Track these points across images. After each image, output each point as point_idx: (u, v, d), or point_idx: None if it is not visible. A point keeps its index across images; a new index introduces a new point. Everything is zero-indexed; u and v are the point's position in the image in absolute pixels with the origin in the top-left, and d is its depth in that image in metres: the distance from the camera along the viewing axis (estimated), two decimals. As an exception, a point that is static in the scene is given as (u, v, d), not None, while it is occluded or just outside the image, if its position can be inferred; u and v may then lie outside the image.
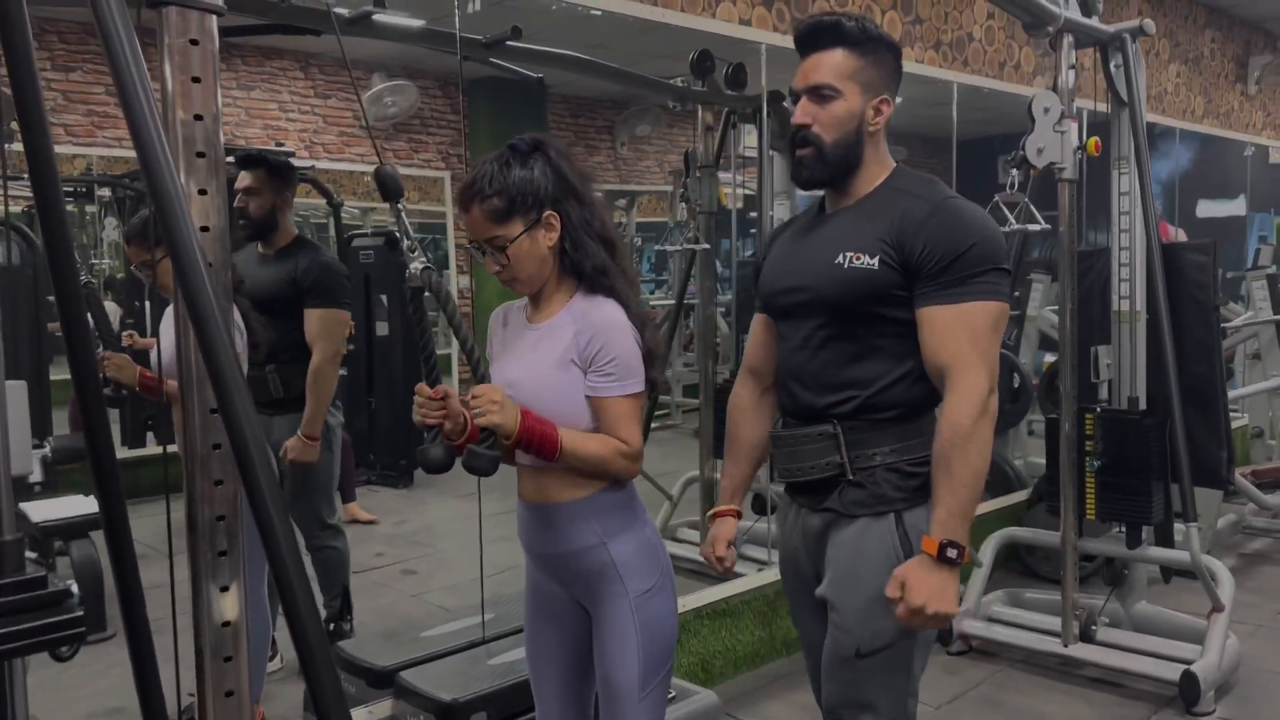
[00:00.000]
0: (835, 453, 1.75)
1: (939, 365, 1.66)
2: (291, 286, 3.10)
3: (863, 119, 1.74)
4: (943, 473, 1.64)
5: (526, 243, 1.65)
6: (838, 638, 1.77)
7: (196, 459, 1.28)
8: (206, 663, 1.30)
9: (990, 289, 1.66)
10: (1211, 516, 4.26)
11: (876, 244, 1.69)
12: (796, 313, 1.80)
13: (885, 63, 1.77)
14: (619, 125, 7.99)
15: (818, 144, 1.74)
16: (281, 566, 1.15)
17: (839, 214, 1.80)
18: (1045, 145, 3.09)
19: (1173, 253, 3.46)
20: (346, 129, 6.64)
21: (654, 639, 1.70)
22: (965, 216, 1.69)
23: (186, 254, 1.16)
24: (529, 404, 1.66)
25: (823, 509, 1.79)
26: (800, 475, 1.80)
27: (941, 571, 1.61)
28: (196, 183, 1.28)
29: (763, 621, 3.42)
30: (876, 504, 1.73)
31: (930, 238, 1.65)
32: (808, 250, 1.81)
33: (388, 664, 2.54)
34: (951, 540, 1.61)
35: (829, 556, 1.79)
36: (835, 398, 1.75)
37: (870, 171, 1.78)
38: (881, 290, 1.69)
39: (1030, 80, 4.93)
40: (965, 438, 1.61)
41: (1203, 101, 6.58)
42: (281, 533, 1.16)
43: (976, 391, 1.62)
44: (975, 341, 1.64)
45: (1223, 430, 3.44)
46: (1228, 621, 3.16)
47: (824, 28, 1.75)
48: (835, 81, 1.73)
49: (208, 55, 1.28)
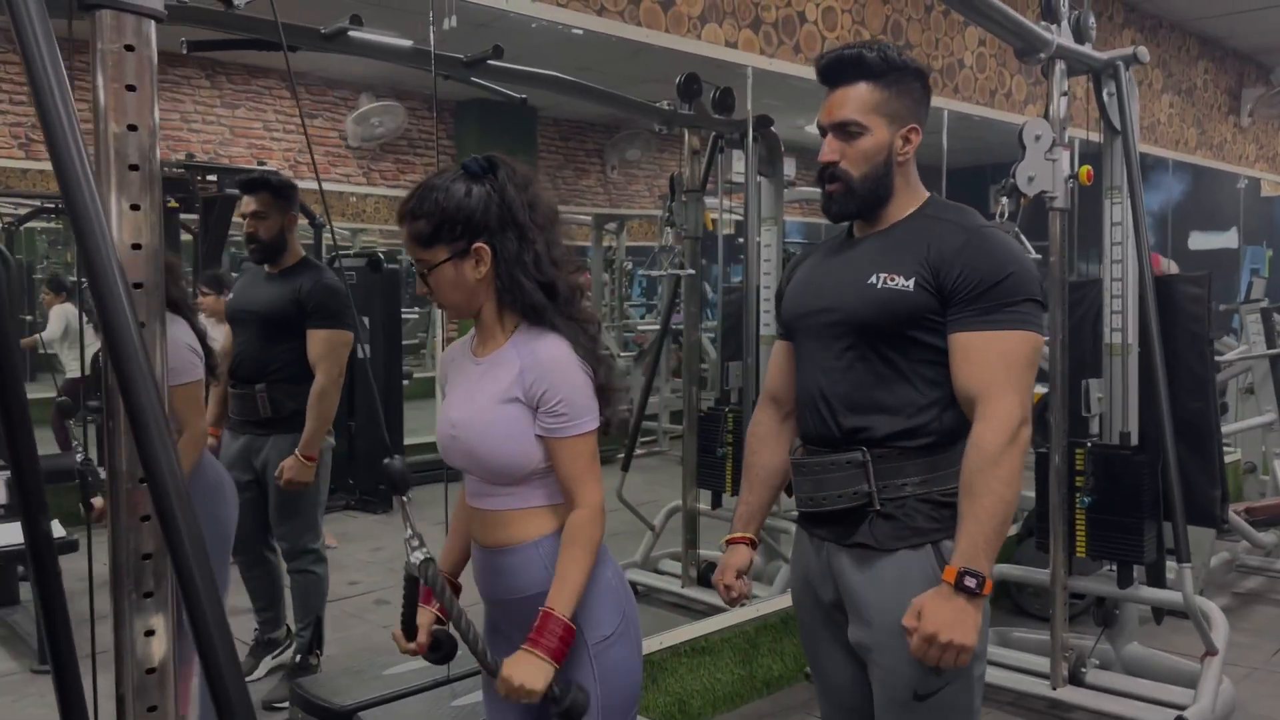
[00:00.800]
0: (863, 481, 1.69)
1: (970, 392, 1.62)
2: (294, 306, 3.11)
3: (891, 150, 1.72)
4: (967, 500, 1.59)
5: (450, 271, 1.57)
6: (890, 681, 1.69)
7: (122, 493, 1.19)
8: (129, 710, 1.21)
9: (1026, 319, 1.63)
10: (1205, 555, 4.17)
11: (912, 267, 1.67)
12: (825, 334, 1.76)
13: (911, 91, 1.74)
14: (609, 149, 7.95)
15: (846, 179, 1.73)
16: (200, 617, 1.06)
17: (870, 239, 1.77)
18: (1036, 173, 3.02)
19: (1166, 284, 3.39)
20: (332, 149, 6.57)
21: (614, 690, 1.60)
22: (1002, 245, 1.67)
23: (104, 275, 1.07)
24: (473, 444, 1.58)
25: (852, 544, 1.71)
26: (825, 505, 1.73)
27: (958, 601, 1.55)
28: (129, 198, 1.19)
29: (743, 660, 3.32)
30: (911, 536, 1.67)
31: (967, 264, 1.63)
32: (837, 271, 1.78)
33: (347, 704, 2.42)
34: (970, 569, 1.55)
35: (864, 595, 1.71)
36: (862, 422, 1.70)
37: (902, 199, 1.75)
38: (915, 313, 1.66)
39: (1022, 108, 4.89)
40: (992, 464, 1.57)
41: (1195, 133, 6.56)
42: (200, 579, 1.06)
43: (1008, 419, 1.58)
44: (1009, 370, 1.61)
45: (1217, 467, 3.35)
46: (1221, 665, 3.06)
47: (846, 62, 1.72)
48: (860, 117, 1.70)
49: (144, 62, 1.19)
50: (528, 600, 1.60)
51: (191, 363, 2.52)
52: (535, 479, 1.60)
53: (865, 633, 1.72)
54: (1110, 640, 3.42)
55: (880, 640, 1.69)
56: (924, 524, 1.67)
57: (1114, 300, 3.34)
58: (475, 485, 1.66)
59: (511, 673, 1.51)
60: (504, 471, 1.59)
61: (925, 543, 1.67)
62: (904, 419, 1.67)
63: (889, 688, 1.70)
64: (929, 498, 1.68)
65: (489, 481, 1.62)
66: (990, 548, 1.57)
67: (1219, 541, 4.47)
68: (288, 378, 3.12)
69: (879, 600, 1.68)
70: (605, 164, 8.16)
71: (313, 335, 3.10)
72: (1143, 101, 5.90)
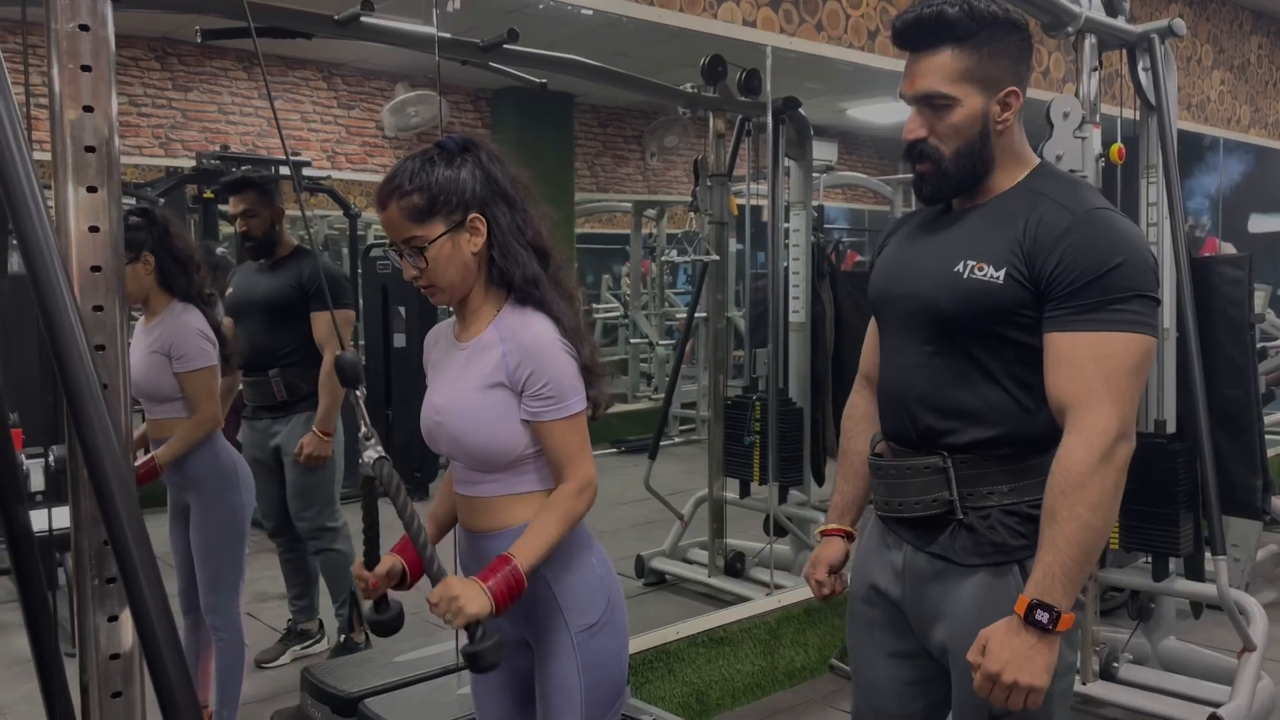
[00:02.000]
0: (944, 489, 1.54)
1: (1062, 401, 1.43)
2: (297, 291, 3.26)
3: (987, 119, 1.51)
4: (1048, 524, 1.41)
5: (447, 246, 1.53)
6: (963, 699, 1.57)
7: (81, 481, 1.18)
8: (93, 698, 1.20)
9: (1135, 319, 1.41)
10: (1250, 548, 4.02)
11: (1004, 255, 1.47)
12: (906, 323, 1.59)
13: (1007, 49, 1.50)
14: (647, 135, 7.88)
15: (935, 158, 1.52)
16: (142, 608, 1.06)
17: (966, 213, 1.57)
18: (1064, 151, 2.92)
19: (1205, 267, 3.26)
20: (370, 139, 6.61)
21: (598, 680, 1.57)
22: (1114, 230, 1.45)
23: (37, 251, 1.06)
24: (457, 430, 1.55)
25: (932, 552, 1.58)
26: (904, 511, 1.59)
27: (1027, 636, 1.38)
28: (84, 180, 1.18)
29: (764, 651, 3.27)
30: (994, 553, 1.52)
31: (1069, 252, 1.42)
32: (924, 253, 1.59)
33: (354, 690, 2.44)
34: (1044, 602, 1.38)
35: (944, 608, 1.57)
36: (944, 424, 1.54)
37: (1005, 170, 1.55)
38: (1004, 309, 1.47)
39: (1060, 87, 4.74)
40: (1077, 486, 1.38)
41: (1249, 110, 6.32)
42: (142, 568, 1.06)
43: (1101, 435, 1.38)
44: (1109, 378, 1.40)
45: (1258, 456, 3.22)
46: (1260, 661, 2.94)
47: (925, 22, 1.49)
48: (946, 87, 1.49)
49: (101, 42, 1.18)
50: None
51: (203, 349, 2.55)
52: (522, 464, 1.57)
53: (944, 640, 1.59)
54: (1146, 634, 3.31)
55: (957, 661, 1.56)
56: (1009, 539, 1.51)
57: (1150, 283, 3.21)
58: (461, 472, 1.64)
59: (451, 584, 1.44)
60: (489, 457, 1.56)
61: (1010, 561, 1.51)
62: (989, 425, 1.51)
63: (963, 705, 1.58)
64: (1016, 509, 1.52)
65: (475, 468, 1.60)
66: (1070, 580, 1.39)
67: (1267, 534, 4.31)
68: (298, 361, 3.26)
69: (955, 615, 1.56)
70: (644, 150, 8.11)
71: (316, 318, 3.24)
72: (1192, 78, 5.70)
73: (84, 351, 1.05)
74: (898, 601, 1.65)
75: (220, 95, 5.83)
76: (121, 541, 1.04)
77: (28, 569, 1.25)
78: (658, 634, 3.04)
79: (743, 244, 4.84)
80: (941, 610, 1.57)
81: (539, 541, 1.51)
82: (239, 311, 3.33)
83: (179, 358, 2.50)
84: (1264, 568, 4.40)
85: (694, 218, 4.03)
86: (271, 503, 3.37)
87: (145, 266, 2.50)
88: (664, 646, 3.03)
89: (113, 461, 1.05)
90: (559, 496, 1.55)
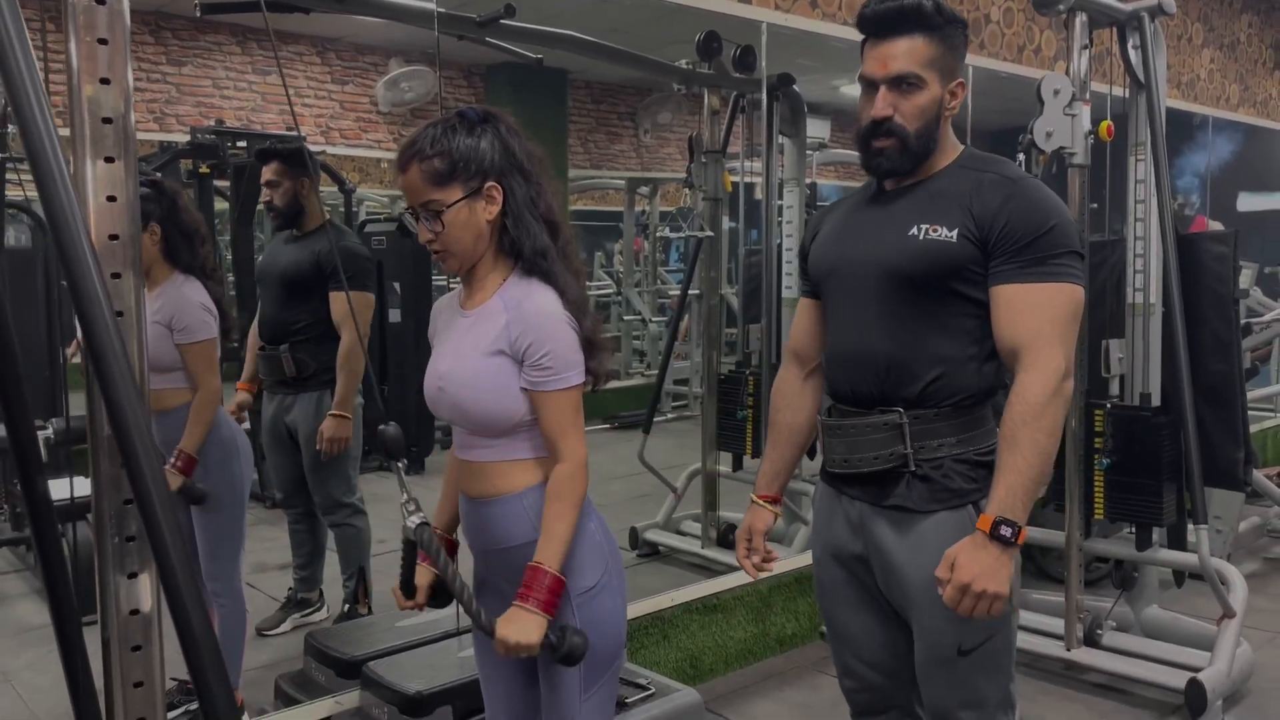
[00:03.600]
0: (899, 443, 1.69)
1: (1014, 344, 1.61)
2: (313, 268, 3.20)
3: (941, 104, 1.69)
4: (1008, 450, 1.58)
5: (464, 211, 1.57)
6: (932, 639, 1.72)
7: (101, 441, 1.22)
8: (113, 652, 1.25)
9: (1070, 273, 1.62)
10: (1233, 519, 4.11)
11: (955, 218, 1.65)
12: (860, 288, 1.73)
13: (959, 45, 1.71)
14: (641, 112, 7.90)
15: (902, 135, 1.68)
16: (170, 573, 1.10)
17: (906, 191, 1.74)
18: (1055, 129, 2.97)
19: (1190, 243, 3.32)
20: (364, 114, 6.61)
21: (597, 641, 1.62)
22: (1047, 196, 1.66)
23: (67, 228, 1.09)
24: (459, 396, 1.60)
25: (889, 505, 1.72)
26: (861, 466, 1.73)
27: (992, 549, 1.55)
28: (102, 151, 1.21)
29: (756, 618, 3.34)
30: (950, 498, 1.68)
31: (1014, 214, 1.61)
32: (872, 225, 1.75)
33: (357, 654, 2.49)
34: (1007, 518, 1.56)
35: (904, 558, 1.71)
36: (899, 379, 1.69)
37: (943, 153, 1.73)
38: (958, 264, 1.64)
39: (1051, 65, 4.78)
40: (1036, 415, 1.56)
41: (1239, 89, 6.36)
42: (169, 534, 1.09)
43: (1054, 371, 1.57)
44: (1055, 322, 1.60)
45: (1240, 429, 3.29)
46: (1239, 628, 3.02)
47: (905, 11, 1.66)
48: (919, 69, 1.66)
49: (116, 16, 1.22)
50: (513, 550, 1.63)
51: (204, 321, 2.58)
52: (521, 431, 1.62)
53: (904, 593, 1.73)
54: (1129, 603, 3.39)
55: (922, 602, 1.70)
56: (962, 484, 1.68)
57: (1136, 259, 3.27)
58: (462, 437, 1.68)
59: (506, 632, 1.53)
60: (489, 423, 1.61)
61: (964, 504, 1.67)
62: (939, 375, 1.67)
63: (932, 646, 1.72)
64: (965, 458, 1.68)
65: (475, 433, 1.64)
66: (1028, 498, 1.57)
67: (1250, 506, 4.40)
68: (310, 338, 3.22)
69: (919, 561, 1.68)
70: (638, 127, 8.11)
71: (334, 297, 3.19)
72: (1182, 56, 5.73)
73: (109, 316, 1.08)
74: (860, 555, 1.78)
75: (214, 70, 5.83)
76: (146, 498, 1.08)
77: (47, 537, 1.29)
78: (653, 601, 3.10)
79: (736, 221, 4.87)
80: (902, 562, 1.71)
81: (558, 538, 1.57)
82: (261, 281, 3.33)
83: (181, 330, 2.52)
84: (1246, 539, 4.49)
85: (689, 194, 4.06)
86: (285, 476, 3.38)
87: (151, 237, 2.53)
88: (659, 613, 3.09)
89: (135, 417, 1.09)
90: (561, 483, 1.59)
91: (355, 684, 2.46)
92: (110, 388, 1.08)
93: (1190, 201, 6.64)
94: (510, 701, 1.77)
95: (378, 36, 6.35)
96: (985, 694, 1.73)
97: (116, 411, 1.08)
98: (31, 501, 1.28)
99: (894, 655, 1.83)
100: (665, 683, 2.64)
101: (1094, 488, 3.21)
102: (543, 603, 1.54)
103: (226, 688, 1.12)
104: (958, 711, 1.74)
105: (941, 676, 1.73)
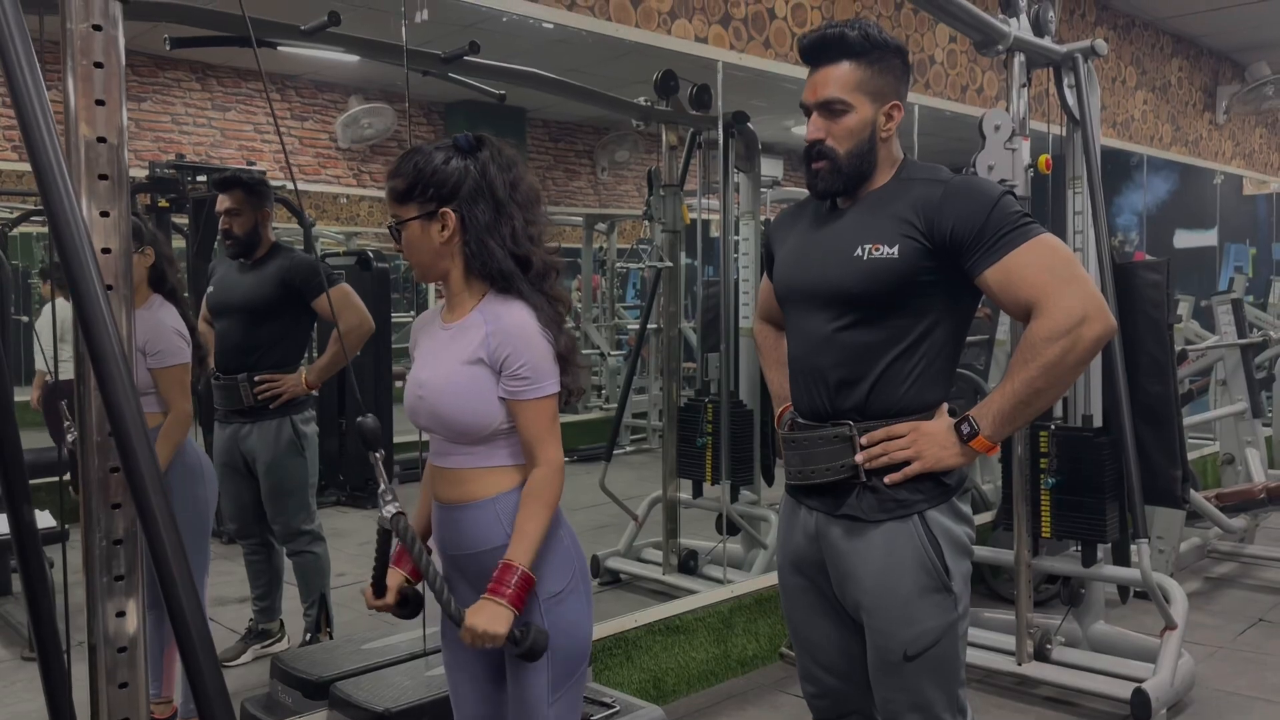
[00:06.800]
0: (849, 454, 1.76)
1: (1027, 304, 1.66)
2: (279, 288, 3.22)
3: (874, 127, 1.77)
4: (1004, 382, 1.69)
5: (416, 230, 1.67)
6: (881, 644, 1.79)
7: (93, 481, 1.25)
8: (101, 688, 1.27)
9: (1034, 229, 1.67)
10: (1174, 538, 4.26)
11: (894, 233, 1.72)
12: (812, 307, 1.82)
13: (893, 69, 1.79)
14: (599, 150, 8.03)
15: (832, 157, 1.77)
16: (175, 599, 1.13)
17: (851, 209, 1.82)
18: (996, 162, 3.11)
19: (1127, 271, 3.48)
20: (323, 150, 6.66)
21: (564, 645, 1.68)
22: (976, 182, 1.75)
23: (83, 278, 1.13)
24: (438, 402, 1.66)
25: (842, 515, 1.79)
26: (814, 478, 1.81)
27: (950, 435, 1.70)
28: (98, 205, 1.27)
29: (717, 639, 3.40)
30: (897, 508, 1.75)
31: (955, 210, 1.68)
32: (820, 249, 1.83)
33: (325, 675, 2.51)
34: (973, 421, 1.69)
35: (856, 564, 1.79)
36: (850, 394, 1.77)
37: (884, 171, 1.81)
38: (904, 277, 1.71)
39: (993, 104, 4.98)
40: (1032, 352, 1.64)
41: (1170, 129, 6.64)
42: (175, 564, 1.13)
43: (1066, 314, 1.61)
44: (1050, 271, 1.64)
45: (1177, 448, 3.43)
46: (1180, 639, 3.14)
47: (829, 40, 1.77)
48: (844, 94, 1.76)
49: (111, 42, 1.28)
50: (483, 555, 1.68)
51: (179, 346, 2.61)
52: (497, 439, 1.68)
53: (856, 599, 1.80)
54: (1077, 619, 3.50)
55: (872, 606, 1.78)
56: (908, 495, 1.74)
57: (1077, 287, 3.41)
58: (439, 445, 1.74)
59: (475, 620, 1.59)
60: (467, 430, 1.67)
61: (910, 514, 1.75)
62: (888, 389, 1.74)
63: (882, 650, 1.79)
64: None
65: (452, 441, 1.70)
66: (1003, 418, 1.68)
67: (1190, 528, 4.55)
68: (271, 365, 3.21)
69: (869, 568, 1.77)
70: (595, 165, 8.24)
71: (319, 305, 3.25)
72: (1116, 97, 5.99)
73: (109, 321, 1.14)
74: (818, 563, 1.86)
75: (174, 105, 5.85)
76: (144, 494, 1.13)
77: (32, 566, 1.32)
78: (617, 622, 3.15)
79: (693, 258, 4.98)
80: (854, 567, 1.79)
81: (530, 537, 1.63)
82: (216, 312, 3.32)
83: (154, 354, 2.55)
84: (1187, 559, 4.64)
85: (648, 226, 4.16)
86: (239, 506, 3.35)
87: (144, 259, 2.55)
88: (623, 635, 3.14)
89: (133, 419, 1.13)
90: (537, 484, 1.66)
91: (323, 705, 2.48)
92: (111, 389, 1.13)
93: (1130, 238, 6.89)
94: (477, 710, 1.81)
95: (338, 74, 6.41)
96: (931, 698, 1.79)
97: (116, 411, 1.13)
98: (18, 530, 1.31)
99: (850, 660, 1.90)
100: (630, 701, 2.69)
101: (1041, 506, 3.33)
102: (510, 597, 1.59)
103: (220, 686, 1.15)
104: (906, 714, 1.81)
105: (890, 680, 1.80)
